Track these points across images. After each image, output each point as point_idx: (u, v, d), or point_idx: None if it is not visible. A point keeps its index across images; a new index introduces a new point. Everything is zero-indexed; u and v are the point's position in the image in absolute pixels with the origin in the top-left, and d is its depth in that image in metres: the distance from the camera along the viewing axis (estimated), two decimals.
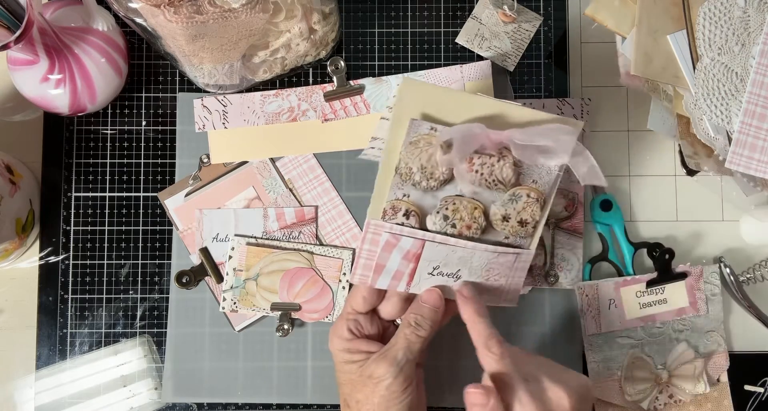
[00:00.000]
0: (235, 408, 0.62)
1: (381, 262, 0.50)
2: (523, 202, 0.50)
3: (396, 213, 0.49)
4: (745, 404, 0.63)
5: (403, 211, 0.49)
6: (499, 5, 0.63)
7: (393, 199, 0.49)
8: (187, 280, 0.62)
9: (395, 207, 0.49)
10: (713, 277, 0.63)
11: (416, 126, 0.48)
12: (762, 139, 0.56)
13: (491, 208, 0.50)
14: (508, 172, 0.49)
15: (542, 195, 0.50)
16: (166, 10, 0.48)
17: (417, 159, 0.48)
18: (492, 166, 0.48)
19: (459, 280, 0.51)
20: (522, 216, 0.50)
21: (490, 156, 0.48)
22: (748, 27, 0.57)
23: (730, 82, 0.57)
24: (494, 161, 0.48)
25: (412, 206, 0.49)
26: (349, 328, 0.51)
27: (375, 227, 0.49)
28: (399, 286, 0.51)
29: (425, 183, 0.49)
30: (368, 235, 0.49)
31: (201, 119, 0.63)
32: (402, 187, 0.49)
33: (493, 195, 0.50)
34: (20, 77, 0.58)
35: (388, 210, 0.49)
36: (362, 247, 0.50)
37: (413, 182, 0.49)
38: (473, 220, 0.49)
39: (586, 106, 0.64)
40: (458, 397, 0.62)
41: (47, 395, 0.62)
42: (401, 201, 0.49)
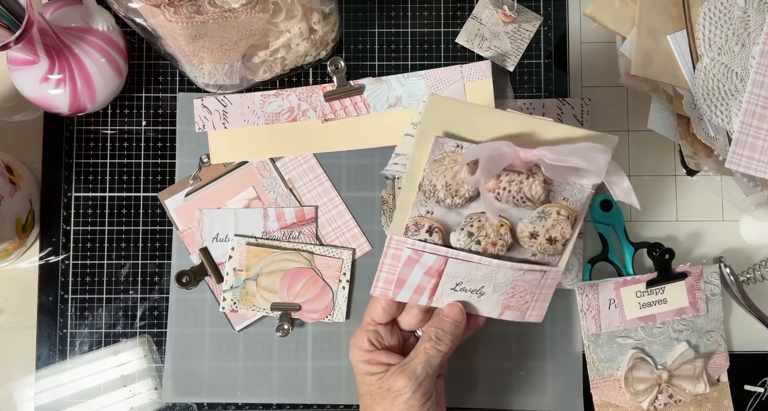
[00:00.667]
0: (235, 408, 0.62)
1: (402, 277, 0.49)
2: (553, 219, 0.48)
3: (419, 229, 0.48)
4: (745, 404, 0.63)
5: (426, 228, 0.48)
6: (499, 5, 0.63)
7: (416, 216, 0.48)
8: (187, 280, 0.62)
9: (418, 223, 0.48)
10: (713, 277, 0.63)
11: (441, 143, 0.46)
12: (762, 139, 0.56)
13: (518, 225, 0.48)
14: (538, 190, 0.47)
15: (573, 213, 0.48)
16: (166, 10, 0.48)
17: (441, 176, 0.47)
18: (521, 183, 0.47)
19: (483, 296, 0.50)
20: (551, 233, 0.48)
21: (518, 173, 0.47)
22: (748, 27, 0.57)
23: (730, 82, 0.57)
24: (523, 178, 0.47)
25: (435, 223, 0.48)
26: (369, 339, 0.51)
27: (397, 242, 0.48)
28: (421, 299, 0.50)
29: (450, 200, 0.47)
30: (390, 250, 0.49)
31: (201, 119, 0.63)
32: (425, 204, 0.48)
33: (521, 212, 0.48)
34: (20, 77, 0.58)
35: (410, 226, 0.48)
36: (384, 261, 0.49)
37: (437, 199, 0.47)
38: (499, 236, 0.48)
39: (586, 106, 0.64)
40: (458, 397, 0.62)
41: (47, 395, 0.62)
42: (424, 217, 0.48)
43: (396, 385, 0.48)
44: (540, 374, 0.62)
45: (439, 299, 0.50)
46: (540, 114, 0.64)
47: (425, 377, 0.48)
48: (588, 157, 0.45)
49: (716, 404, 0.62)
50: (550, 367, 0.62)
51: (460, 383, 0.62)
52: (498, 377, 0.62)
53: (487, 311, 0.51)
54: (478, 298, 0.50)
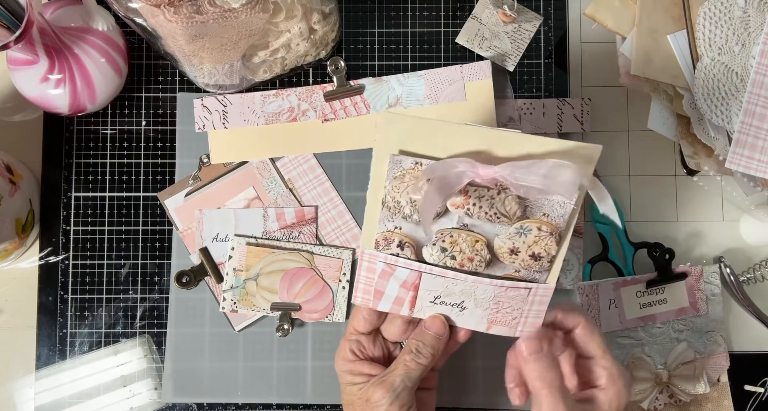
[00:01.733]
0: (235, 408, 0.62)
1: (379, 289, 0.48)
2: (534, 235, 0.45)
3: (389, 244, 0.47)
4: (745, 404, 0.63)
5: (397, 243, 0.46)
6: (499, 5, 0.63)
7: (384, 231, 0.47)
8: (187, 280, 0.62)
9: (387, 238, 0.47)
10: (713, 277, 0.63)
11: (398, 161, 0.44)
12: (762, 139, 0.56)
13: (495, 240, 0.46)
14: (512, 206, 0.45)
15: (557, 229, 0.45)
16: (166, 10, 0.48)
17: (405, 193, 0.45)
18: (492, 199, 0.44)
19: (465, 310, 0.48)
20: (534, 249, 0.46)
21: (488, 189, 0.44)
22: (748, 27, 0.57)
23: (730, 82, 0.57)
24: (494, 194, 0.44)
25: (405, 238, 0.46)
26: (351, 349, 0.50)
27: (370, 256, 0.47)
28: (402, 310, 0.49)
29: (416, 216, 0.45)
30: (364, 262, 0.48)
31: (201, 119, 0.63)
32: (392, 219, 0.46)
33: (496, 228, 0.46)
34: (20, 77, 0.58)
35: (380, 241, 0.47)
36: (359, 272, 0.48)
37: (403, 215, 0.46)
38: (475, 252, 0.46)
39: (586, 106, 0.64)
40: (458, 397, 0.62)
41: (47, 395, 0.62)
42: (393, 233, 0.46)
43: (374, 396, 0.47)
44: None
45: (420, 311, 0.49)
46: (540, 114, 0.64)
47: (403, 389, 0.47)
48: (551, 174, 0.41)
49: (716, 404, 0.62)
50: None
51: (460, 383, 0.62)
52: (498, 377, 0.62)
53: (472, 325, 0.49)
54: (460, 312, 0.48)
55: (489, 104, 0.63)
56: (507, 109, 0.64)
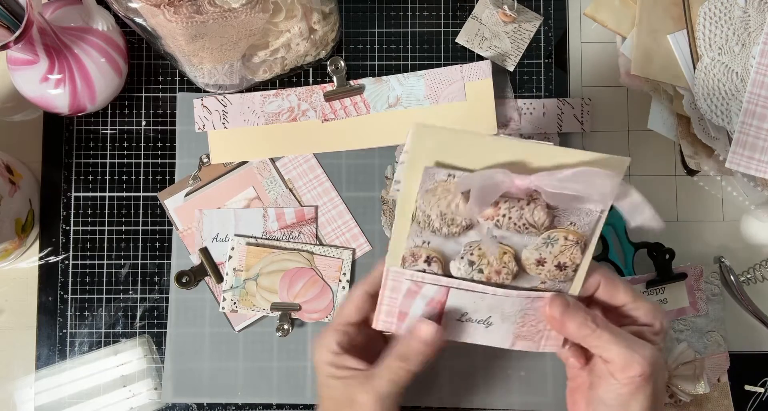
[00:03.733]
0: (235, 408, 0.62)
1: (404, 310, 0.47)
2: (561, 245, 0.45)
3: (416, 260, 0.45)
4: (745, 404, 0.63)
5: (424, 258, 0.45)
6: (499, 5, 0.63)
7: (412, 247, 0.45)
8: (187, 280, 0.62)
9: (415, 254, 0.45)
10: (713, 277, 0.63)
11: (432, 174, 0.43)
12: (762, 139, 0.56)
13: (523, 252, 0.45)
14: (541, 216, 0.44)
15: (582, 237, 0.45)
16: (166, 10, 0.48)
17: (435, 206, 0.44)
18: (521, 209, 0.44)
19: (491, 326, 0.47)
20: (560, 259, 0.45)
21: (518, 199, 0.44)
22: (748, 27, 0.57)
23: (730, 82, 0.57)
24: (523, 204, 0.44)
25: (433, 253, 0.45)
26: (338, 340, 0.48)
27: (395, 274, 0.46)
28: None
29: (446, 229, 0.45)
30: (388, 282, 0.46)
31: (201, 119, 0.63)
32: (421, 234, 0.45)
33: (524, 239, 0.45)
34: (20, 77, 0.58)
35: (407, 257, 0.46)
36: (383, 293, 0.47)
37: (432, 229, 0.45)
38: (503, 265, 0.45)
39: (586, 106, 0.64)
40: (458, 397, 0.62)
41: (47, 395, 0.62)
42: (421, 248, 0.45)
43: (359, 397, 0.46)
44: (540, 374, 0.62)
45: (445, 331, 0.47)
46: (540, 114, 0.64)
47: (388, 396, 0.46)
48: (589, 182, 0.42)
49: (716, 404, 0.62)
50: (550, 367, 0.62)
51: (460, 383, 0.62)
52: (498, 377, 0.62)
53: (497, 342, 0.48)
54: (486, 329, 0.47)
55: (489, 104, 0.63)
56: (507, 109, 0.64)
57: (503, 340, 0.48)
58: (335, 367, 0.48)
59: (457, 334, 0.48)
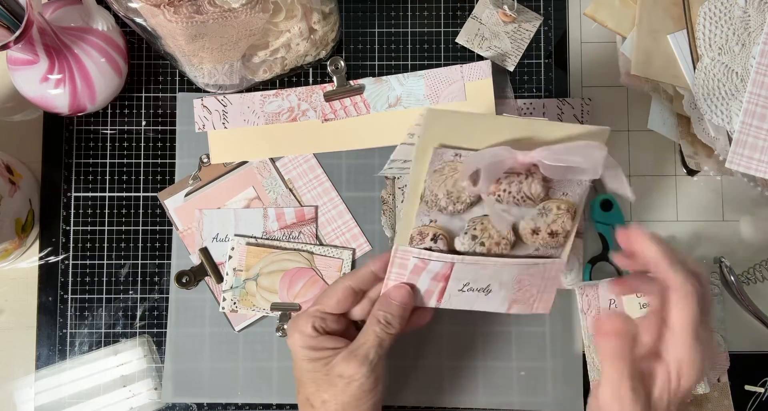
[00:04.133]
0: (235, 408, 0.62)
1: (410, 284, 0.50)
2: (554, 214, 0.49)
3: (424, 238, 0.48)
4: (745, 404, 0.63)
5: (431, 236, 0.48)
6: (499, 5, 0.63)
7: (420, 226, 0.48)
8: (187, 280, 0.62)
9: (422, 233, 0.48)
10: (713, 277, 0.63)
11: (440, 154, 0.46)
12: (762, 139, 0.56)
13: (520, 223, 0.49)
14: (537, 188, 0.48)
15: (573, 206, 0.49)
16: (166, 10, 0.48)
17: (442, 185, 0.47)
18: (520, 183, 0.47)
19: (490, 293, 0.50)
20: (552, 227, 0.49)
21: (517, 174, 0.47)
22: (748, 27, 0.57)
23: (730, 82, 0.57)
24: (522, 179, 0.47)
25: (439, 230, 0.48)
26: (314, 325, 0.49)
27: (403, 253, 0.49)
28: (429, 302, 0.51)
29: (452, 207, 0.48)
30: (396, 259, 0.49)
31: (201, 119, 0.63)
32: (428, 213, 0.48)
33: (522, 211, 0.49)
34: (20, 77, 0.58)
35: (415, 236, 0.48)
36: (391, 270, 0.49)
37: (439, 208, 0.48)
38: (502, 236, 0.49)
39: (586, 106, 0.64)
40: (458, 397, 0.62)
41: (47, 395, 0.62)
42: (428, 226, 0.48)
43: (348, 370, 0.47)
44: (540, 374, 0.62)
45: (447, 301, 0.51)
46: (540, 114, 0.64)
47: (378, 361, 0.48)
48: (585, 154, 0.45)
49: (716, 404, 0.62)
50: (550, 367, 0.62)
51: (459, 383, 0.62)
52: (498, 377, 0.62)
53: (494, 307, 0.52)
54: (485, 296, 0.51)
55: (489, 104, 0.63)
56: (507, 109, 0.64)
57: (500, 305, 0.51)
58: (313, 350, 0.49)
59: (459, 303, 0.51)
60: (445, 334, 0.62)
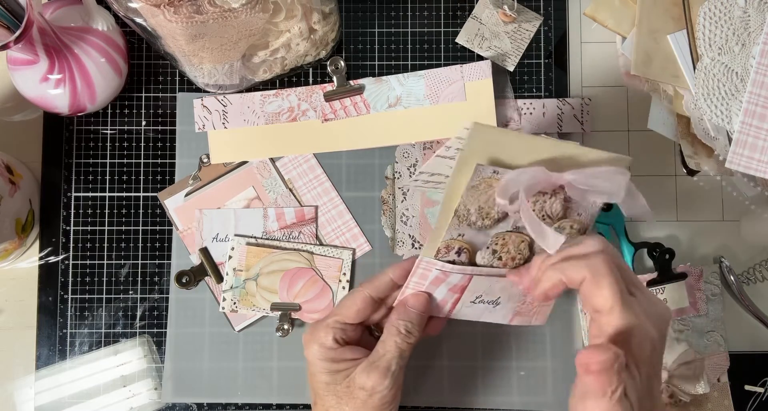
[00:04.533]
0: (235, 408, 0.62)
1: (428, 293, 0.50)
2: (566, 233, 0.50)
3: (449, 251, 0.49)
4: (745, 404, 0.63)
5: (456, 249, 0.49)
6: (499, 5, 0.63)
7: (448, 239, 0.49)
8: (187, 280, 0.62)
9: (449, 246, 0.49)
10: (713, 277, 0.63)
11: (480, 171, 0.46)
12: (762, 139, 0.56)
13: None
14: (558, 208, 0.49)
15: (584, 226, 0.50)
16: (166, 10, 0.48)
17: (476, 201, 0.48)
18: (544, 202, 0.48)
19: (498, 305, 0.52)
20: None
21: (543, 193, 0.48)
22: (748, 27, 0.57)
23: (730, 82, 0.57)
24: (546, 198, 0.48)
25: (465, 244, 0.49)
26: (335, 337, 0.49)
27: (426, 263, 0.49)
28: (441, 313, 0.52)
29: (480, 222, 0.48)
30: (418, 270, 0.49)
31: (201, 119, 0.63)
32: (458, 227, 0.48)
33: None
34: (20, 77, 0.58)
35: (442, 249, 0.49)
36: (411, 279, 0.50)
37: (469, 222, 0.48)
38: (518, 252, 0.49)
39: (586, 106, 0.64)
40: (458, 397, 0.62)
41: (47, 395, 0.62)
42: (455, 240, 0.49)
43: (369, 382, 0.46)
44: (540, 374, 0.62)
45: (459, 312, 0.52)
46: (540, 114, 0.64)
47: (399, 371, 0.47)
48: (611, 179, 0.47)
49: (716, 404, 0.62)
50: (550, 367, 0.62)
51: (459, 383, 0.62)
52: (498, 377, 0.62)
53: (499, 319, 0.53)
54: (493, 308, 0.52)
55: (489, 104, 0.63)
56: (507, 109, 0.64)
57: (504, 317, 0.53)
58: (333, 362, 0.48)
59: (468, 314, 0.52)
60: (445, 334, 0.62)
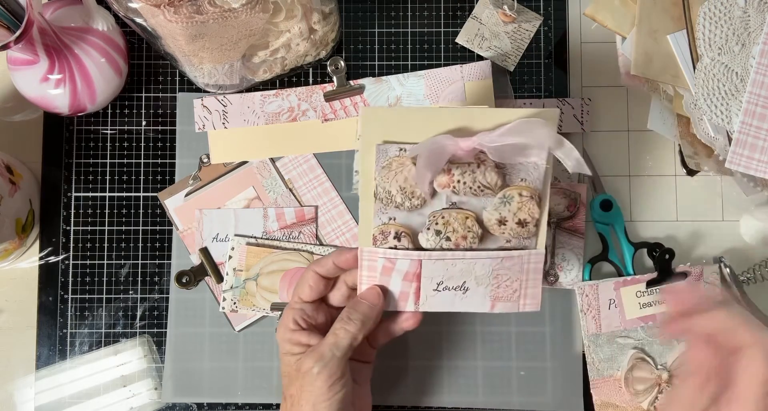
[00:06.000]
0: (235, 408, 0.62)
1: (382, 286, 0.50)
2: (517, 202, 0.48)
3: (386, 237, 0.48)
4: None
5: (393, 234, 0.48)
6: (499, 5, 0.63)
7: (380, 225, 0.48)
8: (187, 280, 0.62)
9: (384, 231, 0.48)
10: (713, 277, 0.63)
11: (383, 151, 0.47)
12: (762, 139, 0.56)
13: (483, 214, 0.49)
14: (492, 176, 0.48)
15: (536, 191, 0.49)
16: (166, 10, 0.48)
17: (394, 181, 0.47)
18: (473, 173, 0.47)
19: (468, 291, 0.50)
20: (519, 216, 0.49)
21: (468, 164, 0.47)
22: (748, 27, 0.57)
23: (730, 82, 0.57)
24: (474, 168, 0.47)
25: (401, 228, 0.48)
26: (294, 318, 0.50)
27: (369, 253, 0.49)
28: (408, 306, 0.50)
29: (408, 203, 0.48)
30: (364, 262, 0.49)
31: (201, 119, 0.63)
32: (386, 211, 0.48)
33: (482, 201, 0.49)
34: (20, 77, 0.58)
35: (377, 236, 0.48)
36: (361, 273, 0.50)
37: (395, 204, 0.48)
38: (467, 229, 0.48)
39: (586, 106, 0.64)
40: (458, 397, 0.62)
41: (47, 395, 0.62)
42: (388, 225, 0.48)
43: (305, 365, 0.48)
44: (540, 374, 0.62)
45: (425, 302, 0.50)
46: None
47: (331, 359, 0.48)
48: (526, 131, 0.45)
49: None
50: (550, 367, 0.62)
51: (459, 383, 0.62)
52: (498, 377, 0.62)
53: (476, 307, 0.50)
54: (463, 295, 0.50)
55: (489, 104, 0.63)
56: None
57: (482, 304, 0.50)
58: (291, 344, 0.50)
59: (437, 304, 0.50)
60: (444, 334, 0.62)
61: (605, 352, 0.62)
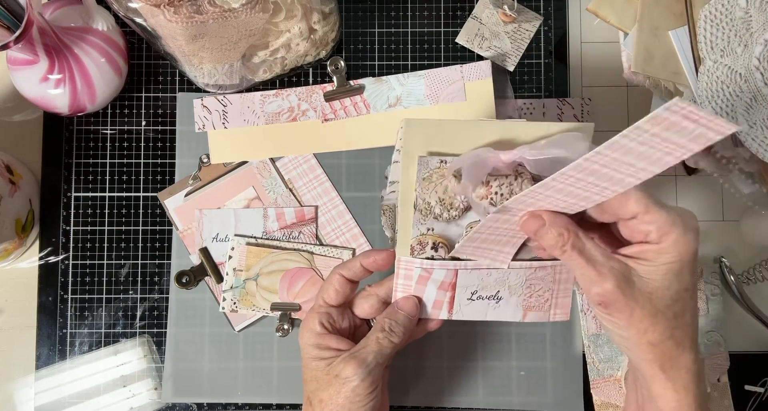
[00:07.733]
0: (235, 408, 0.63)
1: (417, 295, 0.50)
2: None
3: (424, 247, 0.49)
4: (745, 404, 0.63)
5: (431, 245, 0.48)
6: (499, 5, 0.63)
7: (418, 235, 0.49)
8: (187, 280, 0.62)
9: (422, 242, 0.49)
10: (713, 277, 0.63)
11: (425, 162, 0.47)
12: None
13: None
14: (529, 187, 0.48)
15: None
16: (166, 10, 0.48)
17: (433, 193, 0.48)
18: (510, 185, 0.48)
19: (501, 301, 0.50)
20: None
21: (506, 176, 0.47)
22: (750, 27, 0.57)
23: (734, 84, 0.57)
24: (512, 180, 0.48)
25: (438, 238, 0.49)
26: (320, 321, 0.50)
27: (406, 263, 0.49)
28: (441, 314, 0.51)
29: (446, 214, 0.48)
30: (401, 271, 0.49)
31: (201, 119, 0.63)
32: (424, 222, 0.48)
33: None
34: (20, 77, 0.58)
35: (415, 246, 0.49)
36: (396, 281, 0.50)
37: (434, 215, 0.48)
38: None
39: (586, 106, 0.64)
40: (458, 397, 0.62)
41: (47, 395, 0.62)
42: (426, 235, 0.48)
43: (345, 371, 0.47)
44: (540, 374, 0.62)
45: (458, 311, 0.51)
46: (540, 114, 0.64)
47: (375, 366, 0.48)
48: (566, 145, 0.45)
49: (716, 404, 0.62)
50: (550, 367, 0.62)
51: (459, 383, 0.62)
52: (498, 377, 0.62)
53: (509, 316, 0.51)
54: (497, 304, 0.50)
55: (489, 104, 0.63)
56: (507, 109, 0.64)
57: (514, 313, 0.51)
58: (318, 348, 0.50)
59: (471, 314, 0.51)
60: (445, 334, 0.62)
61: (605, 352, 0.62)
